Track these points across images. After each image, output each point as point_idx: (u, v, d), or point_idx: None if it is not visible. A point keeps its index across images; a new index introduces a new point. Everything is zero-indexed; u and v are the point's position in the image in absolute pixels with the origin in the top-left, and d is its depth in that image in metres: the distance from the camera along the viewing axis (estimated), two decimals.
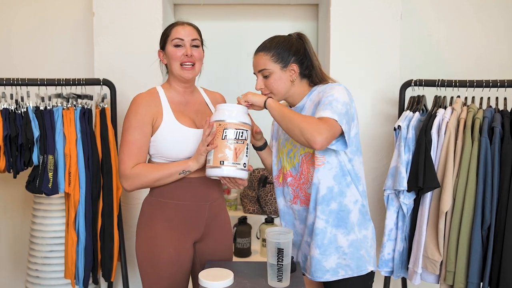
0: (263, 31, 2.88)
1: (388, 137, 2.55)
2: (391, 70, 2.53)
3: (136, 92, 1.71)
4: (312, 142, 1.40)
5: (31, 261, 2.50)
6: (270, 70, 1.56)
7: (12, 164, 2.19)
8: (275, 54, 1.57)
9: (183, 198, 1.64)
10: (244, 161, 1.51)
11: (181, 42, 1.63)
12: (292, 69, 1.58)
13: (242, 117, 1.51)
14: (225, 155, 1.48)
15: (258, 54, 1.59)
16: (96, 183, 2.27)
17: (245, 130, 1.51)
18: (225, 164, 1.49)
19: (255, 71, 1.62)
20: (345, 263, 1.56)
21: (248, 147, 1.53)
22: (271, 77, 1.57)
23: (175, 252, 1.63)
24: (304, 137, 1.41)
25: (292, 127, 1.45)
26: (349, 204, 1.57)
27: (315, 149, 1.41)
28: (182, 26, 1.67)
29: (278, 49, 1.57)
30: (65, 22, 2.75)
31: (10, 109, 2.20)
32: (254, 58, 1.61)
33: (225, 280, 1.42)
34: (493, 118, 2.05)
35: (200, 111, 1.72)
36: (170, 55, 1.65)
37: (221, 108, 1.53)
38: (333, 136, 1.44)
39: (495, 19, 2.74)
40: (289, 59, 1.57)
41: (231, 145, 1.48)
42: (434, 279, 2.12)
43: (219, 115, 1.52)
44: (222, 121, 1.50)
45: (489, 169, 1.98)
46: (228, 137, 1.48)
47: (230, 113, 1.50)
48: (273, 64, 1.56)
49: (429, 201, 2.08)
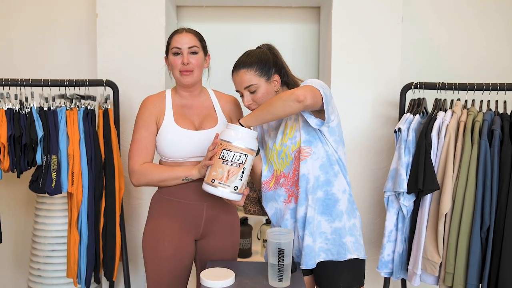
0: (265, 33, 2.93)
1: (388, 139, 2.57)
2: (392, 73, 2.55)
3: (139, 93, 1.75)
4: (295, 97, 1.44)
5: (34, 260, 2.51)
6: (257, 85, 1.61)
7: (16, 164, 2.21)
8: (258, 68, 1.61)
9: (184, 196, 1.72)
10: (236, 184, 1.52)
11: (179, 50, 1.70)
12: (275, 80, 1.64)
13: (245, 141, 1.51)
14: (217, 174, 1.51)
15: (240, 71, 1.62)
16: (98, 183, 2.29)
17: (244, 154, 1.51)
18: (214, 183, 1.52)
19: (240, 88, 1.64)
20: (327, 247, 1.60)
21: (244, 171, 1.52)
22: (258, 92, 1.61)
23: (173, 246, 1.70)
24: (289, 101, 1.46)
25: (275, 108, 1.50)
26: (337, 193, 1.61)
27: (301, 101, 1.44)
28: (181, 34, 1.72)
29: (259, 63, 1.62)
30: (68, 24, 2.76)
31: (14, 110, 2.22)
32: (235, 76, 1.64)
33: (226, 280, 1.43)
34: (493, 121, 2.07)
35: (203, 114, 1.77)
36: (170, 63, 1.74)
37: (229, 127, 1.55)
38: (313, 95, 1.47)
39: (496, 23, 2.75)
40: (271, 71, 1.63)
41: (225, 166, 1.50)
42: (434, 280, 2.13)
43: (225, 133, 1.54)
44: (224, 141, 1.52)
45: (488, 171, 1.99)
46: (224, 158, 1.51)
47: (235, 135, 1.52)
48: (258, 78, 1.61)
49: (428, 203, 2.09)
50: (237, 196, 1.55)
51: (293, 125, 1.63)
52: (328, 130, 1.59)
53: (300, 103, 1.45)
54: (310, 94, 1.47)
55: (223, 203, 1.75)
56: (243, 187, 1.55)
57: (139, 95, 1.79)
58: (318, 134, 1.60)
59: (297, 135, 1.61)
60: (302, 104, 1.46)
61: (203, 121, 1.75)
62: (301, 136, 1.59)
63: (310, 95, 1.47)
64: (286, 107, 1.48)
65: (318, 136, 1.60)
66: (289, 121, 1.66)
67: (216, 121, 1.76)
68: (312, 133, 1.60)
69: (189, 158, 1.71)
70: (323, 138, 1.59)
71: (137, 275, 2.69)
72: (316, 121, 1.56)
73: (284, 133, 1.65)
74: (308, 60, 2.92)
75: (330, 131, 1.60)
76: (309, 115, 1.56)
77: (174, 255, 1.70)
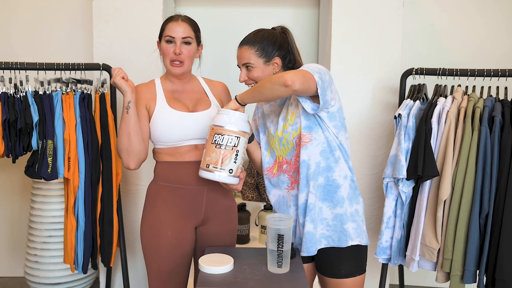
0: (264, 18, 2.89)
1: (388, 125, 2.55)
2: (392, 59, 2.52)
3: (136, 77, 1.72)
4: (283, 80, 1.42)
5: (30, 246, 2.50)
6: (254, 64, 1.61)
7: (11, 149, 2.18)
8: (259, 48, 1.61)
9: (180, 181, 1.69)
10: (231, 167, 1.51)
11: (172, 39, 1.67)
12: (275, 62, 1.63)
13: (237, 125, 1.51)
14: (211, 159, 1.51)
15: (243, 47, 1.63)
16: (95, 168, 2.27)
17: (236, 136, 1.51)
18: (209, 168, 1.51)
19: (238, 63, 1.65)
20: (328, 234, 1.59)
21: (238, 153, 1.52)
22: (254, 71, 1.61)
23: (174, 235, 1.67)
24: (276, 84, 1.44)
25: (264, 89, 1.48)
26: (338, 179, 1.59)
27: (289, 86, 1.42)
28: (176, 22, 1.69)
29: (263, 43, 1.61)
30: (64, 8, 2.72)
31: (9, 93, 2.19)
32: (238, 51, 1.65)
33: (225, 266, 1.42)
34: (494, 107, 2.05)
35: (195, 98, 1.75)
36: (162, 50, 1.71)
37: (220, 112, 1.55)
38: (303, 80, 1.44)
39: (496, 9, 2.73)
40: (273, 53, 1.62)
41: (218, 150, 1.50)
42: (431, 266, 2.14)
43: (216, 119, 1.54)
44: (215, 126, 1.52)
45: (488, 158, 1.98)
46: (216, 142, 1.50)
47: (228, 119, 1.52)
48: (257, 59, 1.61)
49: (428, 189, 2.09)
50: (234, 180, 1.54)
51: (294, 111, 1.61)
52: (328, 116, 1.57)
53: (287, 87, 1.42)
54: (299, 79, 1.43)
55: (221, 187, 1.73)
56: (238, 170, 1.54)
57: (136, 79, 1.76)
58: (318, 119, 1.57)
59: (297, 121, 1.59)
60: (290, 89, 1.43)
61: (196, 104, 1.73)
62: (301, 122, 1.57)
63: (300, 80, 1.43)
64: (274, 90, 1.46)
65: (318, 122, 1.57)
66: (290, 107, 1.63)
67: (209, 104, 1.74)
68: (312, 119, 1.57)
69: (186, 140, 1.68)
70: (322, 123, 1.57)
71: (134, 261, 2.68)
72: (312, 106, 1.53)
73: (285, 120, 1.63)
74: (308, 45, 2.89)
75: (330, 116, 1.57)
76: (305, 100, 1.53)
77: (176, 244, 1.67)
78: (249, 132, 1.56)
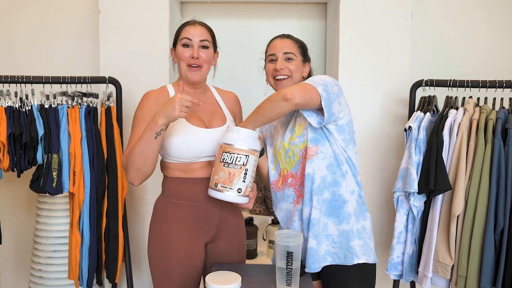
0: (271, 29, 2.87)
1: (397, 137, 2.51)
2: (401, 70, 2.49)
3: (142, 90, 1.69)
4: (282, 96, 1.40)
5: (35, 261, 2.47)
6: (295, 56, 1.64)
7: (16, 163, 2.16)
8: (300, 47, 1.67)
9: (193, 199, 1.62)
10: (239, 187, 1.47)
11: (189, 42, 1.61)
12: (306, 67, 1.69)
13: (247, 142, 1.47)
14: (219, 177, 1.47)
15: (285, 38, 1.66)
16: (101, 182, 2.24)
17: (245, 155, 1.46)
18: (218, 187, 1.47)
19: (278, 51, 1.64)
20: (333, 251, 1.54)
21: (247, 173, 1.47)
22: (292, 63, 1.63)
23: (186, 254, 1.61)
24: (276, 101, 1.42)
25: (265, 109, 1.45)
26: (344, 194, 1.54)
27: (289, 100, 1.39)
28: (193, 26, 1.63)
29: (303, 44, 1.69)
30: (71, 20, 2.72)
31: (14, 107, 2.17)
32: (278, 40, 1.66)
33: (233, 284, 1.38)
34: (507, 119, 2.00)
35: (210, 111, 1.69)
36: (178, 55, 1.64)
37: (229, 130, 1.51)
38: (303, 93, 1.41)
39: (505, 19, 2.70)
40: (308, 58, 1.70)
41: (225, 169, 1.46)
42: (445, 283, 2.07)
43: (226, 136, 1.50)
44: (224, 144, 1.48)
45: (502, 171, 1.93)
46: (224, 161, 1.46)
47: (238, 136, 1.48)
48: (298, 54, 1.65)
49: (440, 204, 2.03)
50: (243, 199, 1.50)
51: (302, 122, 1.58)
52: (336, 128, 1.53)
53: (287, 101, 1.39)
54: (299, 92, 1.40)
55: (232, 204, 1.69)
56: (248, 189, 1.49)
57: (142, 93, 1.73)
58: (325, 132, 1.53)
59: (305, 133, 1.55)
60: (290, 103, 1.40)
61: (211, 118, 1.66)
62: (308, 134, 1.53)
63: (299, 93, 1.40)
64: (275, 107, 1.43)
65: (326, 135, 1.54)
66: (298, 119, 1.60)
67: (224, 119, 1.68)
68: (319, 132, 1.54)
69: (200, 158, 1.61)
70: (330, 136, 1.53)
71: (140, 276, 2.64)
72: (318, 120, 1.49)
73: (293, 131, 1.60)
74: (315, 56, 2.86)
75: (339, 129, 1.54)
76: (310, 114, 1.49)
77: (186, 263, 1.61)
78: (259, 150, 1.51)
